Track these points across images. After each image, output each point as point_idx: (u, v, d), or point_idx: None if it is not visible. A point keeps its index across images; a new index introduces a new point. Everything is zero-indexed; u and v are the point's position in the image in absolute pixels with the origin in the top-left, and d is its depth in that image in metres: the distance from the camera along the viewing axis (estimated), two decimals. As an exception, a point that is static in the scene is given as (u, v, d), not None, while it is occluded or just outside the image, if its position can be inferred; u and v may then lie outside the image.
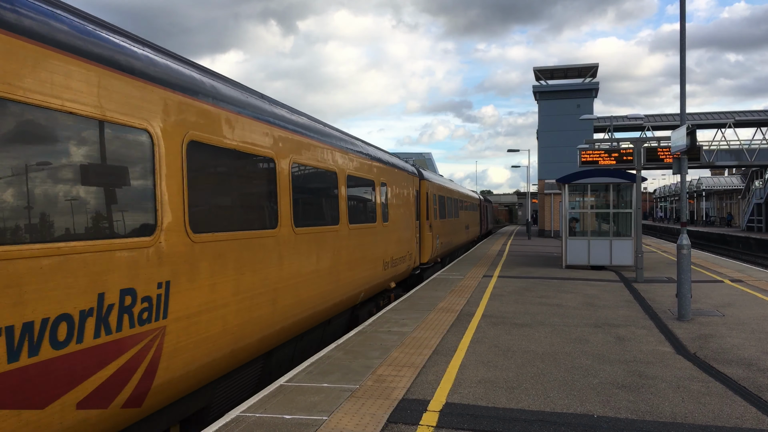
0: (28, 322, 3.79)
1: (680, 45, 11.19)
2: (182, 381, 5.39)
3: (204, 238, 5.69)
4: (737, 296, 13.21)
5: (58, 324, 4.01)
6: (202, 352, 5.62)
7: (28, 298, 3.80)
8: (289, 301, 7.72)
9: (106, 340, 4.43)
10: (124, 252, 4.66)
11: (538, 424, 5.38)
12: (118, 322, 4.55)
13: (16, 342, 3.70)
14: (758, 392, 6.36)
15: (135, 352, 4.73)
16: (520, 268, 19.56)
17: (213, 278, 5.82)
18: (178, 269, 5.27)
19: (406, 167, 16.44)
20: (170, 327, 5.13)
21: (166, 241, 5.14)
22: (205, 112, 5.90)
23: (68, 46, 4.27)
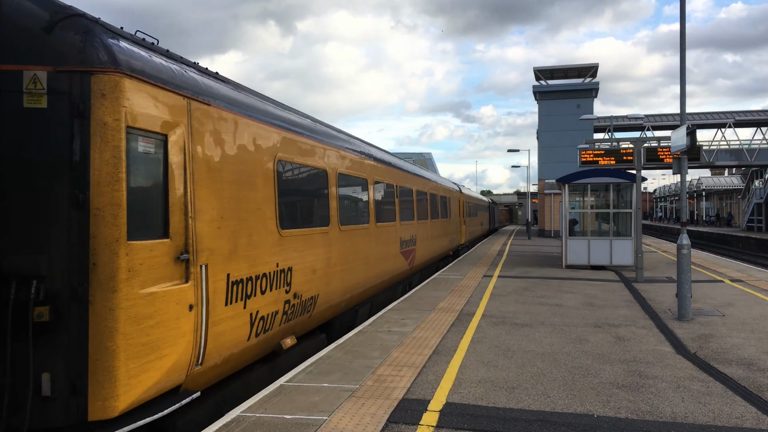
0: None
1: (680, 45, 11.20)
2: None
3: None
4: (737, 296, 13.21)
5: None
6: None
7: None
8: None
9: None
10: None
11: (539, 424, 5.38)
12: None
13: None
14: (758, 392, 6.36)
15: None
16: (520, 268, 19.57)
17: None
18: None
19: (454, 186, 26.90)
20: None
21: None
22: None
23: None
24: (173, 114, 5.25)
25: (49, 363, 4.44)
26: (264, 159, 6.97)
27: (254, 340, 6.61)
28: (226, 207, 6.04)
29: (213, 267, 5.69)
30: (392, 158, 14.59)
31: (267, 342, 7.06)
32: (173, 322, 5.04)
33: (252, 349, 6.67)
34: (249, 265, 6.43)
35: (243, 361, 6.65)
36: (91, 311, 4.47)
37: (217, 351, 5.79)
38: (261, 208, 6.81)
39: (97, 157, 4.51)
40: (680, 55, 11.22)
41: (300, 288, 7.80)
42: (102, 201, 4.51)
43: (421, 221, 17.03)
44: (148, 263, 4.80)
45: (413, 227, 15.75)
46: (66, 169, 4.48)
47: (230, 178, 6.15)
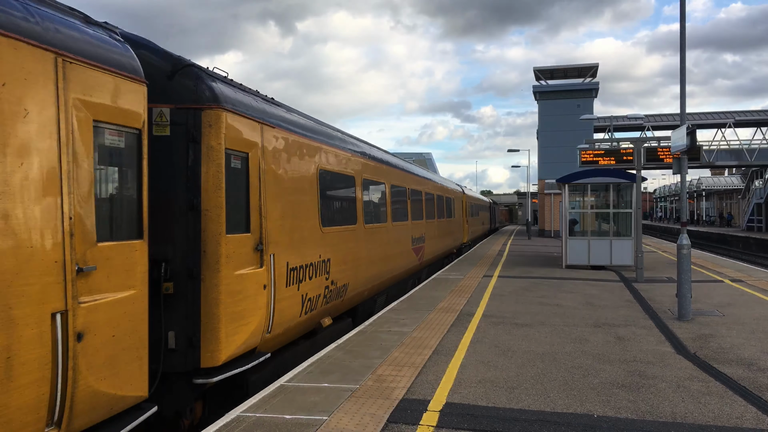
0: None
1: (680, 45, 11.20)
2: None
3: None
4: (737, 296, 13.21)
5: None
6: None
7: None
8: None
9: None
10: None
11: (539, 424, 5.38)
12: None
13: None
14: (758, 392, 6.36)
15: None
16: (520, 268, 19.57)
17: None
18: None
19: (457, 188, 27.78)
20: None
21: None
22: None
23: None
24: (252, 136, 6.74)
25: (174, 324, 5.87)
26: (310, 168, 8.52)
27: (304, 317, 8.15)
28: (285, 209, 7.56)
29: (278, 256, 7.22)
30: (404, 164, 16.28)
31: (311, 320, 8.57)
32: (253, 297, 6.56)
33: (302, 324, 8.19)
34: (301, 255, 7.98)
35: (295, 333, 8.11)
36: (202, 286, 5.94)
37: (280, 323, 7.26)
38: (308, 209, 8.35)
39: (206, 171, 5.98)
40: (680, 55, 11.22)
41: (336, 276, 9.34)
42: (209, 204, 5.98)
43: (429, 221, 18.40)
44: (237, 251, 6.30)
45: (423, 226, 17.13)
46: (184, 181, 5.93)
47: (287, 185, 7.65)
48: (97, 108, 4.49)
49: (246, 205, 6.64)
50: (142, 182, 5.04)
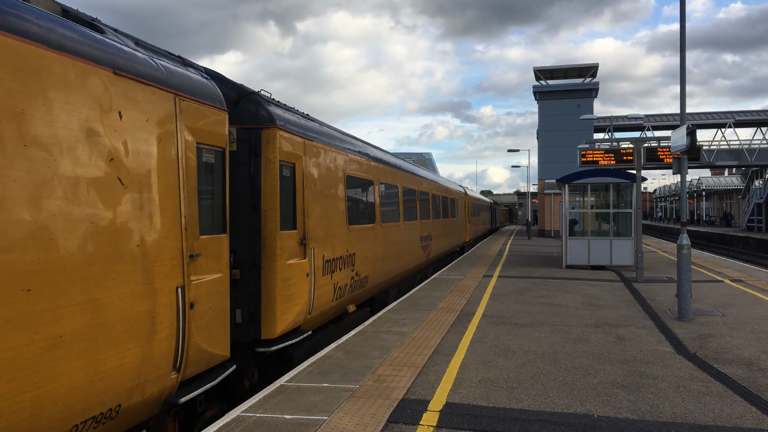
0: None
1: (680, 45, 11.20)
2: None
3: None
4: (737, 296, 13.21)
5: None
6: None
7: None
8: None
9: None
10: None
11: (539, 424, 5.38)
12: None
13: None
14: (758, 392, 6.36)
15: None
16: (520, 268, 19.57)
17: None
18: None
19: (460, 189, 29.13)
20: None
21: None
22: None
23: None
24: (297, 149, 8.02)
25: (240, 303, 7.11)
26: (339, 174, 9.80)
27: (335, 303, 9.44)
28: (322, 209, 8.83)
29: (316, 250, 8.50)
30: (414, 167, 17.76)
31: (340, 306, 9.86)
32: (299, 283, 7.84)
33: (333, 309, 9.47)
34: (333, 249, 9.25)
35: (327, 317, 9.40)
36: (262, 273, 7.21)
37: (318, 306, 8.56)
38: (338, 210, 9.63)
39: (264, 179, 7.26)
40: (680, 55, 11.22)
41: (359, 269, 10.62)
42: (267, 206, 7.26)
43: (435, 220, 19.68)
44: (288, 245, 7.59)
45: (430, 225, 18.44)
46: (248, 187, 7.21)
47: (323, 189, 8.95)
48: (198, 132, 5.71)
49: (293, 206, 7.95)
50: (225, 188, 6.30)
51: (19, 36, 3.78)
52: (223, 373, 6.10)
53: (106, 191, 4.46)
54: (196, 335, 5.53)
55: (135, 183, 4.77)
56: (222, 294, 6.06)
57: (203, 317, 5.67)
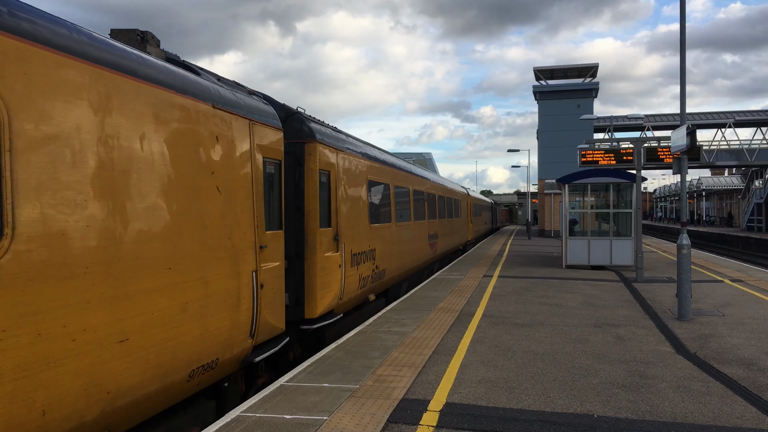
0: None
1: (680, 45, 11.20)
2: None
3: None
4: (737, 296, 13.21)
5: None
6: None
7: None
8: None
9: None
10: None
11: (539, 424, 5.38)
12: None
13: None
14: (758, 392, 6.36)
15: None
16: (520, 268, 19.57)
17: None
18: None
19: (463, 190, 30.35)
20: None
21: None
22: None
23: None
24: (331, 159, 9.39)
25: (287, 288, 8.15)
26: (362, 179, 11.20)
27: (359, 291, 10.77)
28: (350, 210, 10.22)
29: (346, 244, 9.88)
30: (422, 170, 19.29)
31: (363, 294, 11.22)
32: (333, 272, 9.23)
33: (358, 297, 10.82)
34: (359, 244, 10.64)
35: (353, 303, 10.68)
36: (305, 263, 8.59)
37: (347, 293, 9.94)
38: (362, 210, 10.99)
39: (307, 185, 8.65)
40: (680, 55, 11.22)
41: (379, 262, 11.99)
42: (309, 207, 8.64)
43: (441, 220, 21.07)
44: (325, 240, 8.97)
45: (436, 224, 19.86)
46: (293, 191, 8.54)
47: (350, 192, 10.36)
48: (264, 149, 7.05)
49: (329, 207, 9.31)
50: (281, 193, 7.66)
51: (183, 93, 5.48)
52: (281, 343, 7.45)
53: (210, 197, 5.81)
54: (264, 310, 6.87)
55: (226, 190, 6.10)
56: (280, 278, 7.42)
57: (269, 296, 7.00)
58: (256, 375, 7.35)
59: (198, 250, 5.53)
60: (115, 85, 4.61)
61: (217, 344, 5.82)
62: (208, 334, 5.66)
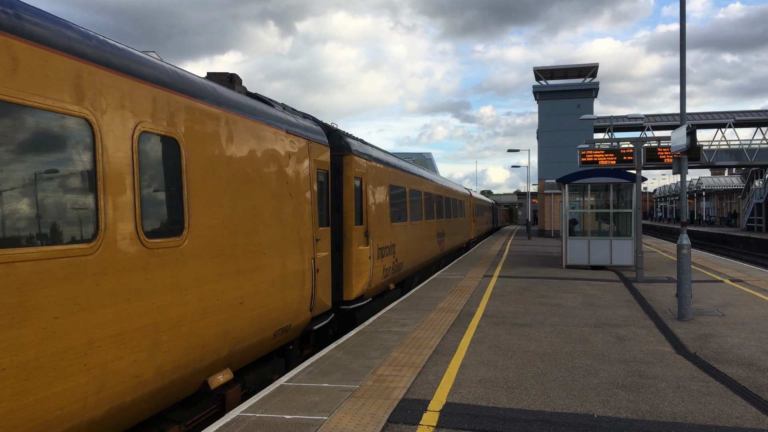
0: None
1: (680, 45, 11.20)
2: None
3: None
4: (737, 296, 13.21)
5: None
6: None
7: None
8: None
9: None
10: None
11: (539, 424, 5.38)
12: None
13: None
14: (758, 392, 6.36)
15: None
16: (520, 268, 19.56)
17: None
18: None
19: (466, 192, 32.04)
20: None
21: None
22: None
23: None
24: (362, 167, 11.14)
25: (333, 275, 9.77)
26: (385, 184, 12.89)
27: (383, 280, 12.46)
28: (375, 210, 11.94)
29: (374, 240, 11.61)
30: (431, 174, 21.23)
31: (386, 283, 12.91)
32: (365, 263, 11.00)
33: (381, 285, 12.48)
34: (383, 240, 12.40)
35: (377, 291, 12.35)
36: (343, 254, 10.35)
37: (374, 281, 11.70)
38: (385, 211, 12.76)
39: (345, 189, 10.42)
40: (680, 54, 11.21)
41: (398, 256, 13.76)
42: (347, 208, 10.43)
43: (447, 219, 22.83)
44: (358, 235, 10.69)
45: (443, 224, 21.65)
46: (335, 195, 10.27)
47: (376, 195, 12.08)
48: (317, 162, 8.88)
49: (361, 208, 11.02)
50: (328, 197, 9.48)
51: (268, 123, 7.34)
52: (329, 317, 9.33)
53: (286, 201, 7.65)
54: (318, 290, 8.72)
55: (295, 195, 7.92)
56: (328, 266, 9.30)
57: (321, 279, 8.85)
58: (306, 344, 9.03)
59: (280, 240, 7.41)
60: (234, 122, 6.50)
61: (290, 313, 7.72)
62: (285, 305, 7.57)
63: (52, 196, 4.10)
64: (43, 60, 4.02)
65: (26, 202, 3.93)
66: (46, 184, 4.07)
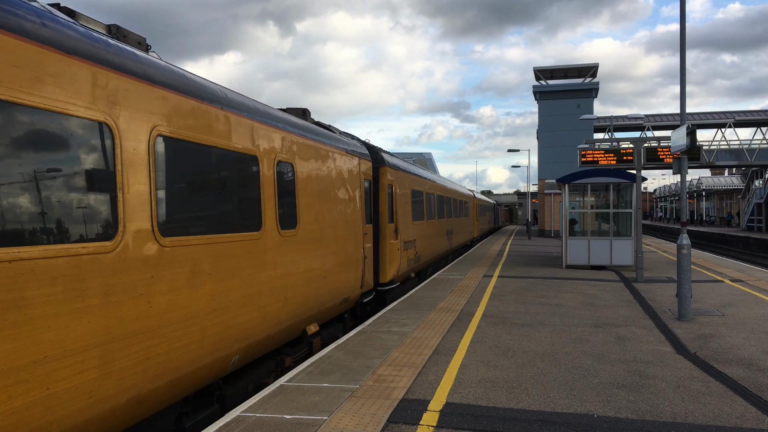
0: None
1: (680, 44, 11.19)
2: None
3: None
4: (737, 296, 13.21)
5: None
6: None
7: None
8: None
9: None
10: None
11: (539, 424, 5.38)
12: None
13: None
14: (758, 392, 6.36)
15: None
16: (520, 268, 19.56)
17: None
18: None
19: (470, 193, 34.58)
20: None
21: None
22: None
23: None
24: (392, 176, 13.28)
25: (374, 264, 12.60)
26: (408, 189, 15.15)
27: (407, 268, 14.82)
28: (401, 210, 14.06)
29: (401, 235, 13.77)
30: (443, 179, 24.90)
31: (409, 272, 15.19)
32: (395, 253, 13.16)
33: (406, 272, 14.79)
34: (407, 235, 14.65)
35: (403, 277, 14.55)
36: (379, 247, 12.66)
37: (401, 269, 13.87)
38: (408, 211, 14.96)
39: (380, 195, 12.70)
40: (680, 54, 11.21)
41: (417, 249, 16.04)
42: (382, 210, 12.71)
43: (455, 219, 25.37)
44: (390, 231, 12.92)
45: (452, 222, 24.33)
46: (371, 201, 11.93)
47: (402, 198, 14.24)
48: (363, 173, 11.30)
49: (391, 209, 13.27)
50: (370, 200, 11.85)
51: (335, 147, 9.77)
52: (372, 294, 12.01)
53: (347, 203, 10.09)
54: (366, 272, 11.25)
55: (352, 200, 10.37)
56: (371, 255, 11.78)
57: (367, 264, 11.38)
58: (355, 315, 11.56)
59: (344, 232, 9.88)
60: (317, 149, 8.85)
61: (349, 287, 10.20)
62: (347, 281, 10.07)
63: (239, 202, 6.42)
64: (234, 121, 6.44)
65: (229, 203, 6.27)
66: (234, 192, 6.34)
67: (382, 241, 12.65)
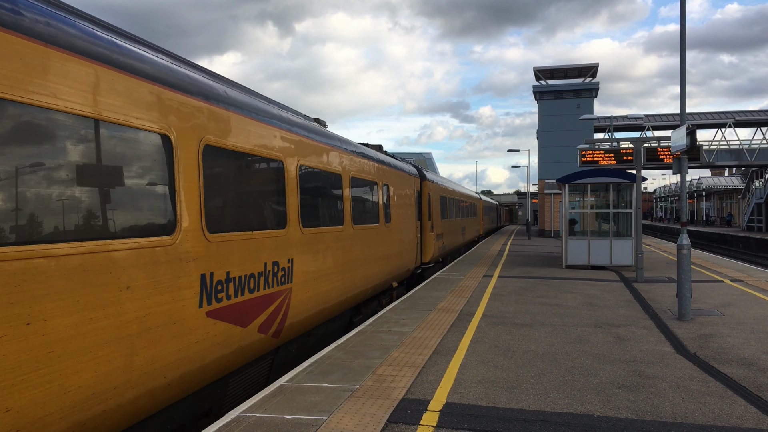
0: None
1: (680, 45, 11.19)
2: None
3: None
4: (737, 296, 13.21)
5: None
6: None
7: None
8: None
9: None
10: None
11: (539, 424, 5.38)
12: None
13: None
14: (758, 392, 6.36)
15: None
16: (521, 268, 19.57)
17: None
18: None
19: (476, 195, 40.02)
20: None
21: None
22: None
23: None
24: (431, 188, 19.16)
25: (422, 251, 18.23)
26: (439, 196, 20.59)
27: (438, 254, 19.97)
28: (435, 212, 19.65)
29: (435, 230, 19.53)
30: (457, 185, 29.97)
31: (438, 257, 19.85)
32: (431, 242, 18.85)
33: (437, 257, 19.66)
34: (437, 230, 19.91)
35: (434, 260, 19.21)
36: (422, 238, 17.86)
37: (434, 254, 19.11)
38: (438, 211, 20.15)
39: (423, 202, 18.20)
40: (680, 54, 11.21)
41: (444, 240, 21.38)
42: (424, 211, 18.13)
43: (466, 218, 30.38)
44: (428, 226, 18.64)
45: (464, 221, 29.27)
46: (418, 206, 17.32)
47: (436, 203, 19.90)
48: (416, 187, 16.95)
49: (429, 211, 18.26)
50: (421, 205, 17.56)
51: (401, 170, 15.24)
52: (420, 268, 16.95)
53: (409, 207, 15.43)
54: (418, 253, 16.18)
55: (411, 205, 15.56)
56: (419, 242, 16.13)
57: (418, 248, 16.22)
58: (402, 287, 15.56)
59: (406, 226, 14.42)
60: (398, 174, 14.24)
61: (410, 262, 15.23)
62: (410, 257, 15.18)
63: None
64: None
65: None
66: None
67: (424, 233, 17.67)
